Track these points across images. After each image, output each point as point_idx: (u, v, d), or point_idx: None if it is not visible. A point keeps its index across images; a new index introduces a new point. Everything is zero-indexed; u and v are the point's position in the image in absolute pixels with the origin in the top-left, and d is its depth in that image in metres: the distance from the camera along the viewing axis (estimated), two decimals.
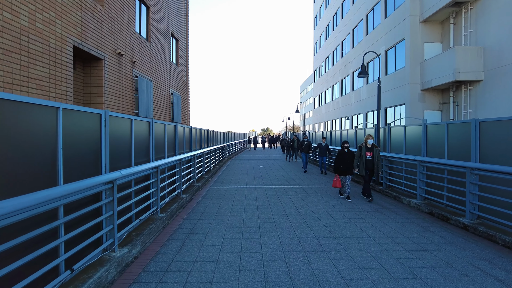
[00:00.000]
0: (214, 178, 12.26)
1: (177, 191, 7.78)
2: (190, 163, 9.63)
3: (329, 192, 9.11)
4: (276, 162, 19.14)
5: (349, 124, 25.12)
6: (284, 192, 8.96)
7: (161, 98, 16.13)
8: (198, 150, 10.72)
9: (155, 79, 15.27)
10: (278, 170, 14.70)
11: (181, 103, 20.19)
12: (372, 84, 20.30)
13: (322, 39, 35.22)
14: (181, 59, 20.59)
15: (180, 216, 6.40)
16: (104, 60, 10.34)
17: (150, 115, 14.37)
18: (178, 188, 7.89)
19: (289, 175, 12.86)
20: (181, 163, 7.93)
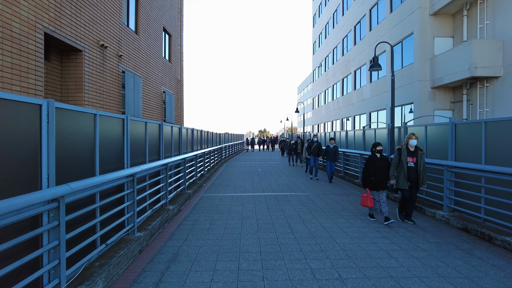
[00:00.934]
0: (208, 183, 11.10)
1: (162, 201, 6.61)
2: (180, 167, 8.47)
3: (339, 201, 7.97)
4: (276, 166, 18.00)
5: (350, 124, 24.06)
6: (287, 202, 7.81)
7: (151, 96, 14.96)
8: (190, 153, 9.57)
9: (144, 75, 14.11)
10: (278, 175, 13.56)
11: (174, 102, 19.02)
12: (376, 82, 19.26)
13: (322, 38, 34.22)
14: (174, 55, 19.44)
15: (163, 235, 5.23)
16: (85, 52, 9.18)
17: (138, 115, 13.21)
18: (163, 198, 6.73)
19: (290, 180, 11.72)
20: (167, 169, 6.77)
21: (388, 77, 17.50)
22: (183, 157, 8.37)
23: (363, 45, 21.60)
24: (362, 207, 7.04)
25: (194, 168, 10.64)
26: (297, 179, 12.18)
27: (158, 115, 15.78)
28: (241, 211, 6.76)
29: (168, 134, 7.67)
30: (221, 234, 5.16)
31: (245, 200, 8.03)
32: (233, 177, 12.60)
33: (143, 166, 5.23)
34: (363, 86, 21.68)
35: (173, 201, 7.32)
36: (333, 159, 11.44)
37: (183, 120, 20.63)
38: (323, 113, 33.32)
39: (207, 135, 14.75)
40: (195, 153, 10.45)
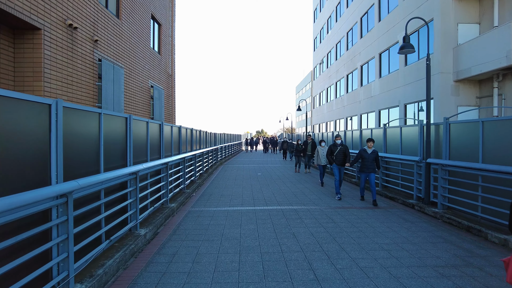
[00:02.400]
0: (199, 192, 9.27)
1: (130, 224, 4.79)
2: (161, 175, 6.64)
3: (370, 220, 6.19)
4: (277, 169, 16.18)
5: (356, 124, 22.32)
6: (299, 221, 6.00)
7: (136, 90, 13.13)
8: (175, 156, 7.76)
9: (128, 66, 12.29)
10: (281, 180, 11.75)
11: (165, 98, 17.18)
12: (387, 77, 17.52)
13: (324, 33, 32.49)
14: (164, 47, 17.61)
15: (121, 284, 3.41)
16: (44, 31, 7.36)
17: (119, 110, 11.39)
18: (133, 219, 4.91)
19: (297, 188, 9.93)
20: (137, 179, 4.95)
21: (402, 71, 15.77)
22: (165, 161, 6.56)
23: (371, 38, 19.87)
24: None
25: (182, 174, 8.82)
26: (304, 185, 10.38)
27: (144, 112, 13.94)
28: (239, 237, 4.94)
29: (141, 134, 5.86)
30: (208, 284, 3.35)
31: (244, 217, 6.21)
32: (230, 184, 10.78)
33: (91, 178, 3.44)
34: (371, 82, 19.95)
35: (148, 221, 5.49)
36: (372, 169, 7.70)
37: (174, 119, 18.79)
38: (325, 112, 31.59)
39: (199, 135, 12.92)
40: (184, 155, 8.63)
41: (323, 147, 10.70)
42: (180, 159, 8.62)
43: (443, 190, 6.49)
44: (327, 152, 8.94)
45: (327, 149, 8.97)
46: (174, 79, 19.24)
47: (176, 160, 8.12)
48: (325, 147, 10.66)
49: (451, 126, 6.46)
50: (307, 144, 14.08)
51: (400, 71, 16.03)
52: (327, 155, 8.90)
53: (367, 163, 7.74)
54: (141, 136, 5.80)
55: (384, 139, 9.49)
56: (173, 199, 7.52)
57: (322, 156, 10.53)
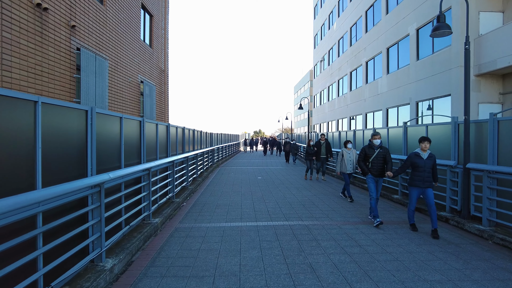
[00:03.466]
0: (191, 201, 7.98)
1: (92, 254, 3.52)
2: (140, 184, 5.35)
3: (399, 234, 4.94)
4: (279, 172, 14.91)
5: (361, 123, 21.12)
6: (315, 243, 4.73)
7: (124, 85, 11.85)
8: (162, 160, 6.48)
9: (113, 58, 11.02)
10: (285, 186, 10.49)
11: (157, 95, 15.88)
12: (396, 73, 16.31)
13: (325, 29, 31.29)
14: (156, 40, 16.30)
15: None
16: (3, 9, 6.08)
17: (103, 106, 10.13)
18: (96, 247, 3.63)
19: (305, 196, 8.67)
20: (100, 194, 3.66)
21: (413, 66, 14.56)
22: (144, 167, 5.27)
23: (377, 32, 18.66)
24: None
25: (171, 181, 7.54)
26: (312, 192, 9.12)
27: (133, 109, 12.65)
28: (238, 272, 3.66)
29: (113, 134, 4.58)
30: None
31: (245, 238, 4.94)
32: (227, 190, 9.50)
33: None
34: (377, 78, 18.74)
35: (120, 245, 4.21)
36: (429, 182, 5.32)
37: (167, 117, 17.48)
38: (326, 111, 30.38)
39: (192, 135, 11.63)
40: (172, 159, 7.34)
41: (350, 150, 8.27)
42: (168, 163, 7.33)
43: (489, 202, 5.26)
44: (359, 157, 6.31)
45: (361, 153, 6.28)
46: (167, 75, 17.94)
47: (163, 165, 6.84)
48: (352, 150, 8.30)
49: (501, 124, 5.22)
50: (320, 145, 11.76)
51: (411, 66, 14.82)
52: (358, 162, 6.28)
53: (422, 173, 5.23)
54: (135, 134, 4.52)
55: (404, 139, 8.24)
56: (158, 212, 6.22)
57: (349, 162, 8.15)
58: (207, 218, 6.20)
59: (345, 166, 8.19)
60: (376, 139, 6.18)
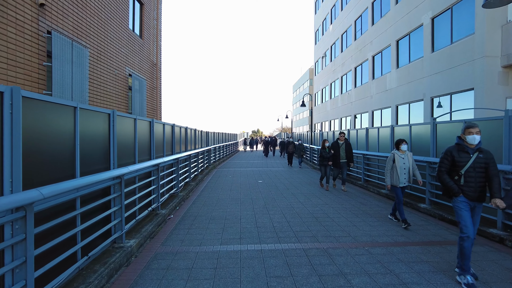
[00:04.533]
0: (180, 212, 6.66)
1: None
2: (106, 198, 4.03)
3: (452, 263, 3.66)
4: (281, 174, 13.63)
5: (367, 121, 19.87)
6: (343, 281, 3.44)
7: (108, 78, 10.55)
8: (141, 164, 5.19)
9: (95, 46, 9.73)
10: (290, 192, 9.21)
11: (147, 90, 14.56)
12: (407, 67, 15.06)
13: (326, 24, 30.02)
14: (147, 31, 14.98)
15: None
16: None
17: (82, 100, 8.86)
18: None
19: (316, 205, 7.38)
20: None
21: (428, 58, 13.30)
22: (117, 173, 3.97)
23: (385, 23, 17.40)
24: None
25: (155, 189, 6.23)
26: (322, 200, 7.84)
27: (120, 105, 11.34)
28: None
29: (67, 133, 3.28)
30: None
31: (246, 272, 3.64)
32: (223, 197, 8.20)
33: None
34: (386, 73, 17.48)
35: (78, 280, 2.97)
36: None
37: (160, 114, 16.16)
38: (328, 109, 29.12)
39: (184, 133, 10.32)
40: (157, 162, 6.05)
41: (404, 154, 5.74)
42: (152, 167, 6.03)
43: None
44: (440, 166, 3.78)
45: (444, 158, 3.75)
46: (160, 69, 16.61)
47: (144, 170, 5.53)
48: (408, 153, 5.80)
49: None
50: (338, 147, 9.37)
51: (425, 59, 13.58)
52: (440, 174, 3.76)
53: None
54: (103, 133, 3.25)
55: (433, 139, 6.97)
56: (135, 230, 4.92)
57: (403, 171, 5.67)
58: (197, 238, 4.90)
59: (397, 176, 5.68)
60: (473, 135, 3.56)
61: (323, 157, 9.76)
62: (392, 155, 5.83)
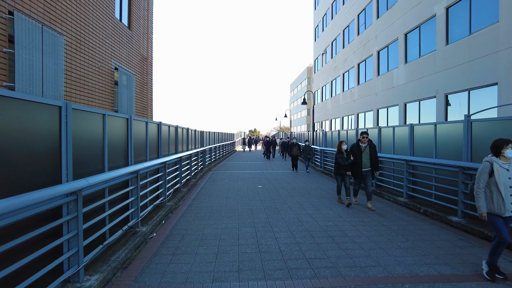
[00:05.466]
0: (164, 231, 5.47)
1: None
2: (61, 219, 2.88)
3: None
4: (281, 178, 12.52)
5: (372, 120, 18.81)
6: None
7: (90, 70, 9.41)
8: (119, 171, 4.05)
9: (73, 34, 8.59)
10: (295, 199, 8.09)
11: (137, 86, 13.39)
12: (417, 62, 14.00)
13: (327, 19, 28.93)
14: (137, 22, 13.79)
15: None
16: None
17: (57, 96, 7.72)
18: None
19: (328, 217, 6.27)
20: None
21: (441, 52, 12.24)
22: (74, 188, 2.83)
23: (392, 16, 16.32)
24: None
25: (134, 201, 5.08)
26: (334, 212, 6.73)
27: (103, 101, 10.18)
28: None
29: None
30: None
31: None
32: (218, 207, 7.06)
33: None
34: (392, 69, 16.41)
35: None
36: None
37: (151, 113, 14.98)
38: (329, 108, 28.04)
39: (175, 133, 9.15)
40: (136, 168, 4.90)
41: (508, 162, 3.58)
42: (128, 175, 4.88)
43: None
44: None
45: None
46: (151, 63, 15.42)
47: (115, 179, 4.38)
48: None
49: None
50: (359, 151, 7.17)
51: (438, 52, 12.51)
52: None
53: None
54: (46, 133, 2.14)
55: (467, 139, 5.87)
56: (103, 259, 3.77)
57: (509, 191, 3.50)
58: (182, 269, 3.75)
59: (500, 199, 3.50)
60: None
61: (339, 164, 7.45)
62: (488, 165, 3.59)
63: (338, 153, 7.54)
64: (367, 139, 7.25)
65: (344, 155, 7.45)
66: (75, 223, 3.21)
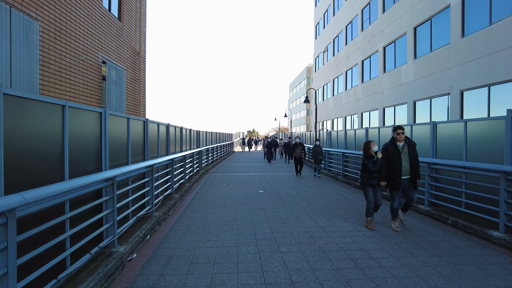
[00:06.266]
0: (147, 251, 4.47)
1: None
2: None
3: None
4: (284, 181, 11.57)
5: (377, 120, 17.90)
6: None
7: (72, 63, 8.45)
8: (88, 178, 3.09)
9: (51, 20, 7.64)
10: (302, 207, 7.13)
11: (128, 82, 12.42)
12: (429, 57, 13.09)
13: (328, 16, 28.04)
14: (128, 13, 12.83)
15: None
16: None
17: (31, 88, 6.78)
18: None
19: (344, 231, 5.32)
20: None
21: (456, 45, 11.33)
22: None
23: (400, 9, 15.42)
24: None
25: (108, 215, 4.11)
26: (350, 224, 5.78)
27: (89, 98, 9.24)
28: None
29: None
30: None
31: None
32: (213, 219, 6.10)
33: None
34: (400, 65, 15.51)
35: None
36: None
37: (143, 111, 14.00)
38: (330, 107, 27.12)
39: (166, 133, 8.18)
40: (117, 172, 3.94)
41: None
42: (102, 182, 3.91)
43: None
44: None
45: None
46: (144, 58, 14.46)
47: (83, 189, 3.41)
48: None
49: None
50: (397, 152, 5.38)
51: (452, 46, 11.61)
52: None
53: None
54: None
55: (511, 138, 4.94)
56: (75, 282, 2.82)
57: None
58: None
59: None
60: None
61: (369, 171, 5.48)
62: None
63: (366, 157, 5.56)
64: (404, 138, 5.48)
65: (375, 159, 5.49)
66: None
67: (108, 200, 4.12)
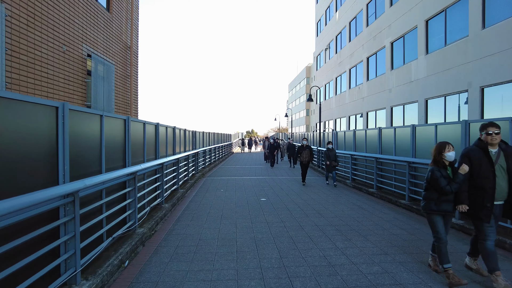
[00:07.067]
0: (123, 283, 3.54)
1: None
2: None
3: None
4: (289, 186, 10.57)
5: (384, 120, 16.94)
6: None
7: (50, 55, 7.50)
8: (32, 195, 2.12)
9: (21, 4, 6.65)
10: (314, 223, 6.14)
11: (117, 78, 11.43)
12: (443, 51, 12.14)
13: (330, 12, 27.09)
14: (118, 4, 11.85)
15: None
16: None
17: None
18: None
19: (371, 258, 4.33)
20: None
21: (475, 38, 10.38)
22: None
23: (409, 2, 14.47)
24: None
25: (69, 241, 3.10)
26: (376, 246, 4.78)
27: (71, 95, 8.26)
28: None
29: None
30: None
31: None
32: (207, 237, 5.09)
33: None
34: (410, 61, 14.56)
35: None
36: None
37: (135, 110, 12.99)
38: (333, 107, 26.17)
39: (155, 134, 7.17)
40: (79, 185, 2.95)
41: None
42: (58, 200, 2.90)
43: None
44: None
45: None
46: (136, 53, 13.47)
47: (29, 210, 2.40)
48: None
49: None
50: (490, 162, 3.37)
51: (471, 39, 10.66)
52: None
53: None
54: None
55: None
56: None
57: None
58: None
59: None
60: None
61: (441, 190, 3.48)
62: None
63: (437, 167, 3.58)
64: (500, 139, 3.46)
65: (449, 172, 3.57)
66: None
67: (68, 221, 3.12)
